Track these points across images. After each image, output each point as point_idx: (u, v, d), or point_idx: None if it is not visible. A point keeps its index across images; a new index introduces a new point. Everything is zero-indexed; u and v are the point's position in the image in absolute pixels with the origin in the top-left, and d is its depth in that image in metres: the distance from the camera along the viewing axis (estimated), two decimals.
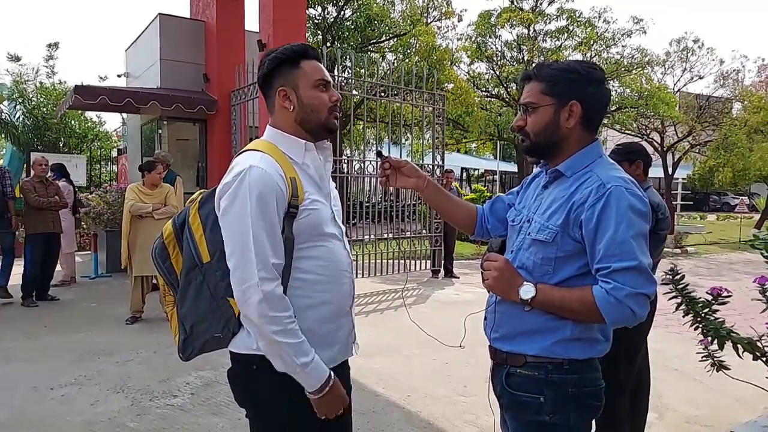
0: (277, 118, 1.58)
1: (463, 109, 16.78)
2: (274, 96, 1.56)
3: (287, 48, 1.56)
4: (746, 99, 19.94)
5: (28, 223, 6.57)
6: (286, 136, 1.55)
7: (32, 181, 6.63)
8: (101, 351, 4.63)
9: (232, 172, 1.46)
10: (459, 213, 1.84)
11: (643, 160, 2.86)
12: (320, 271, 1.51)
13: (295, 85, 1.54)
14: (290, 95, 1.54)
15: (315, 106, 1.55)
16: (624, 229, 1.35)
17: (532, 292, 1.44)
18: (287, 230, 1.45)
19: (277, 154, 1.50)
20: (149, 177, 5.61)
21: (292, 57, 1.54)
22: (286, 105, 1.55)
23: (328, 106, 1.57)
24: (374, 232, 8.07)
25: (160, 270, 1.64)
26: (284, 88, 1.54)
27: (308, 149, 1.56)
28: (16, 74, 13.76)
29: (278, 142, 1.55)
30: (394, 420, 3.41)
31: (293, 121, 1.55)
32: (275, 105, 1.57)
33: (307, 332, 1.47)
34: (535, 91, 1.51)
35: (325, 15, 15.59)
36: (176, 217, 1.63)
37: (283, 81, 1.55)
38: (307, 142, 1.56)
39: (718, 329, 1.65)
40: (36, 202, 6.41)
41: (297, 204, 1.46)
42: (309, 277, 1.49)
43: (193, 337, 1.58)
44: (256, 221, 1.40)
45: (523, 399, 1.50)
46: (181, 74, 9.04)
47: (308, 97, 1.54)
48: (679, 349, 4.84)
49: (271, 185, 1.42)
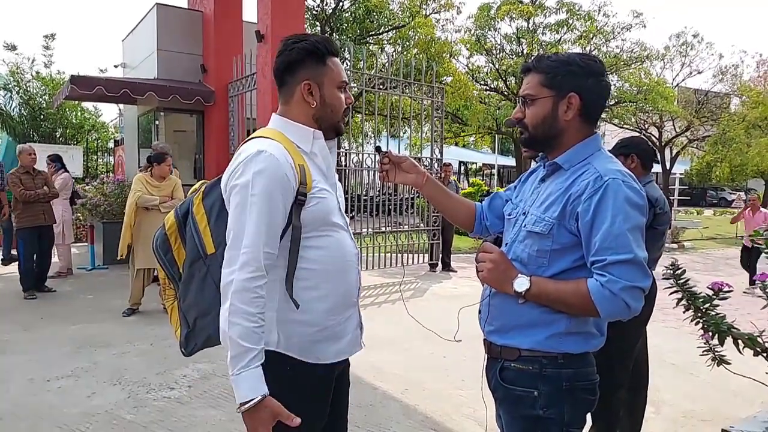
0: (293, 109, 1.54)
1: (461, 102, 16.77)
2: (295, 86, 1.52)
3: (317, 41, 1.52)
4: (745, 94, 19.96)
5: (17, 217, 6.36)
6: (295, 125, 1.52)
7: (18, 173, 6.31)
8: (98, 343, 4.62)
9: (239, 158, 1.43)
10: (458, 210, 1.84)
11: (639, 154, 2.81)
12: (328, 262, 1.49)
13: (320, 82, 1.51)
14: (314, 90, 1.51)
15: (335, 107, 1.54)
16: (620, 222, 1.34)
17: (527, 285, 1.43)
18: (294, 218, 1.42)
19: (285, 141, 1.47)
20: (158, 169, 5.52)
21: (322, 52, 1.51)
22: (309, 100, 1.51)
23: (344, 108, 1.56)
24: (372, 226, 8.06)
25: (161, 262, 1.61)
26: (309, 82, 1.51)
27: (316, 137, 1.53)
28: (12, 63, 13.66)
29: (286, 131, 1.52)
30: (392, 413, 3.40)
31: (310, 116, 1.53)
32: (294, 96, 1.53)
33: (315, 326, 1.46)
34: (534, 83, 1.49)
35: (323, 6, 15.52)
36: (179, 207, 1.59)
37: (310, 74, 1.51)
38: (315, 131, 1.53)
39: (719, 324, 1.64)
40: (23, 196, 6.16)
41: (305, 192, 1.42)
42: (316, 267, 1.46)
43: (197, 330, 1.56)
44: (257, 207, 1.36)
45: (517, 393, 1.49)
46: (179, 65, 8.98)
47: (330, 97, 1.53)
48: (677, 344, 4.85)
49: (278, 172, 1.39)
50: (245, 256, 1.34)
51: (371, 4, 15.02)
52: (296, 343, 1.46)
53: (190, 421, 3.22)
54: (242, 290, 1.32)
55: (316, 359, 1.49)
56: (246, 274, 1.33)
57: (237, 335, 1.31)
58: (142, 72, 9.52)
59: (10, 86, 13.48)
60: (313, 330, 1.47)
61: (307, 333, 1.47)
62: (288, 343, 1.45)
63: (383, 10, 15.35)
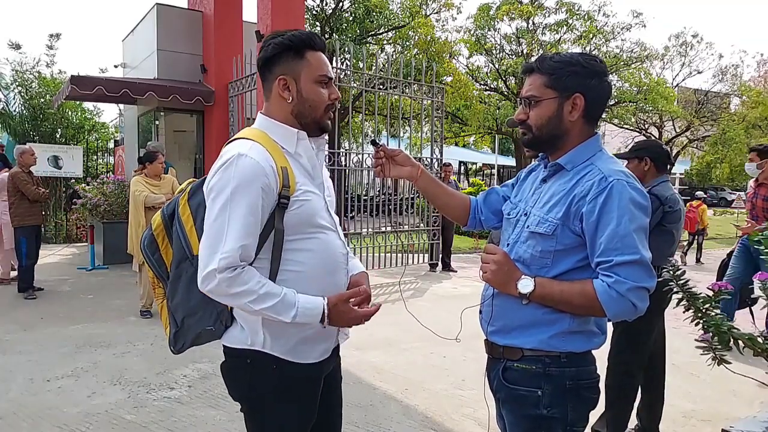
0: (272, 106, 1.53)
1: (461, 102, 16.76)
2: (272, 83, 1.50)
3: (294, 35, 1.48)
4: (745, 94, 19.95)
5: (19, 216, 6.33)
6: (278, 125, 1.51)
7: (23, 172, 6.38)
8: (98, 343, 4.62)
9: (220, 160, 1.43)
10: (452, 203, 1.83)
11: (652, 157, 2.93)
12: (314, 264, 1.49)
13: (296, 76, 1.49)
14: (290, 85, 1.49)
15: (314, 102, 1.50)
16: (626, 223, 1.35)
17: (531, 286, 1.43)
18: (277, 221, 1.41)
19: (268, 143, 1.46)
20: (152, 168, 5.53)
21: (298, 46, 1.48)
22: (285, 95, 1.49)
23: (326, 103, 1.52)
24: (372, 226, 8.06)
25: (150, 262, 1.61)
26: (285, 77, 1.48)
27: (300, 138, 1.52)
28: (15, 63, 13.64)
29: (270, 131, 1.50)
30: (392, 413, 3.40)
31: (289, 113, 1.51)
32: (272, 92, 1.51)
33: (302, 328, 1.46)
34: (538, 84, 1.49)
35: (323, 6, 15.51)
36: (165, 207, 1.59)
37: (285, 69, 1.49)
38: (299, 131, 1.52)
39: (719, 325, 1.64)
40: (37, 195, 6.29)
41: (288, 195, 1.42)
42: (303, 270, 1.46)
43: (184, 329, 1.57)
44: (236, 211, 1.36)
45: (520, 393, 1.49)
46: (179, 65, 8.98)
47: (308, 92, 1.49)
48: (677, 344, 4.84)
49: (257, 175, 1.38)
50: (224, 261, 1.34)
51: (371, 4, 15.01)
52: (283, 343, 1.47)
53: (190, 421, 3.22)
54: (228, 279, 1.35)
55: (303, 359, 1.50)
56: (228, 275, 1.35)
57: (262, 304, 1.37)
58: (142, 72, 9.51)
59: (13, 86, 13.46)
60: (299, 331, 1.47)
61: (294, 334, 1.47)
62: (274, 343, 1.46)
63: (383, 10, 15.34)
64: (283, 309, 1.38)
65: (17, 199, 6.33)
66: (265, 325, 1.45)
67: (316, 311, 1.42)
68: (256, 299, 1.36)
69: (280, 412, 1.50)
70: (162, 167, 5.64)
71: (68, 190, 11.24)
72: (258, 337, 1.46)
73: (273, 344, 1.46)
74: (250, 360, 1.47)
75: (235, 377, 1.55)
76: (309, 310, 1.41)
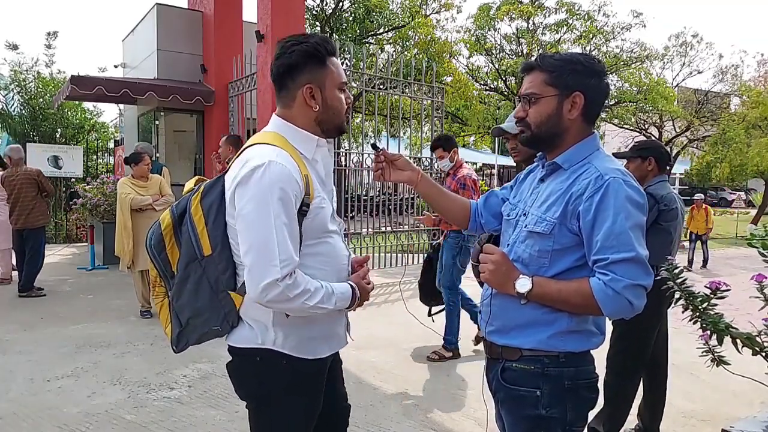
0: (294, 113, 1.53)
1: (461, 102, 16.75)
2: (296, 91, 1.50)
3: (318, 42, 1.49)
4: (745, 94, 19.93)
5: (42, 214, 6.42)
6: (299, 131, 1.52)
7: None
8: (98, 343, 4.62)
9: (247, 166, 1.41)
10: (452, 207, 1.83)
11: (656, 157, 2.96)
12: (323, 267, 1.52)
13: (322, 84, 1.50)
14: (316, 94, 1.50)
15: (337, 109, 1.54)
16: (622, 221, 1.35)
17: (529, 286, 1.43)
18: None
19: (289, 149, 1.47)
20: (138, 169, 5.51)
21: (323, 54, 1.49)
22: (311, 104, 1.50)
23: (345, 108, 1.56)
24: (372, 226, 8.06)
25: (155, 261, 1.61)
26: (311, 85, 1.49)
27: (320, 145, 1.54)
28: (14, 63, 13.64)
29: (289, 136, 1.51)
30: (392, 413, 3.40)
31: (313, 120, 1.52)
32: (296, 100, 1.51)
33: (313, 326, 1.52)
34: (538, 82, 1.49)
35: (323, 6, 15.50)
36: (175, 206, 1.59)
37: (311, 78, 1.49)
38: (319, 139, 1.54)
39: (716, 323, 1.65)
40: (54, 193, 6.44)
41: (309, 203, 1.45)
42: (312, 273, 1.49)
43: (188, 330, 1.57)
44: (279, 219, 1.37)
45: (519, 393, 1.50)
46: (179, 65, 8.99)
47: (332, 99, 1.52)
48: (676, 344, 4.84)
49: (291, 182, 1.40)
50: (287, 269, 1.37)
51: (371, 4, 15.00)
52: (293, 341, 1.50)
53: (190, 421, 3.22)
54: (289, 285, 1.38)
55: (312, 355, 1.53)
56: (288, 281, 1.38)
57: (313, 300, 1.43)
58: (142, 72, 9.51)
59: (12, 86, 13.46)
60: (310, 330, 1.52)
61: (305, 332, 1.52)
62: (285, 341, 1.50)
63: (383, 10, 15.33)
64: (327, 298, 1.46)
65: (37, 199, 6.35)
66: (275, 324, 1.49)
67: (348, 293, 1.52)
68: (310, 296, 1.42)
69: (288, 407, 1.53)
70: (148, 168, 5.60)
71: (68, 190, 11.24)
72: (269, 336, 1.49)
73: (285, 342, 1.50)
74: (259, 358, 1.50)
75: (244, 375, 1.57)
76: (343, 294, 1.51)
